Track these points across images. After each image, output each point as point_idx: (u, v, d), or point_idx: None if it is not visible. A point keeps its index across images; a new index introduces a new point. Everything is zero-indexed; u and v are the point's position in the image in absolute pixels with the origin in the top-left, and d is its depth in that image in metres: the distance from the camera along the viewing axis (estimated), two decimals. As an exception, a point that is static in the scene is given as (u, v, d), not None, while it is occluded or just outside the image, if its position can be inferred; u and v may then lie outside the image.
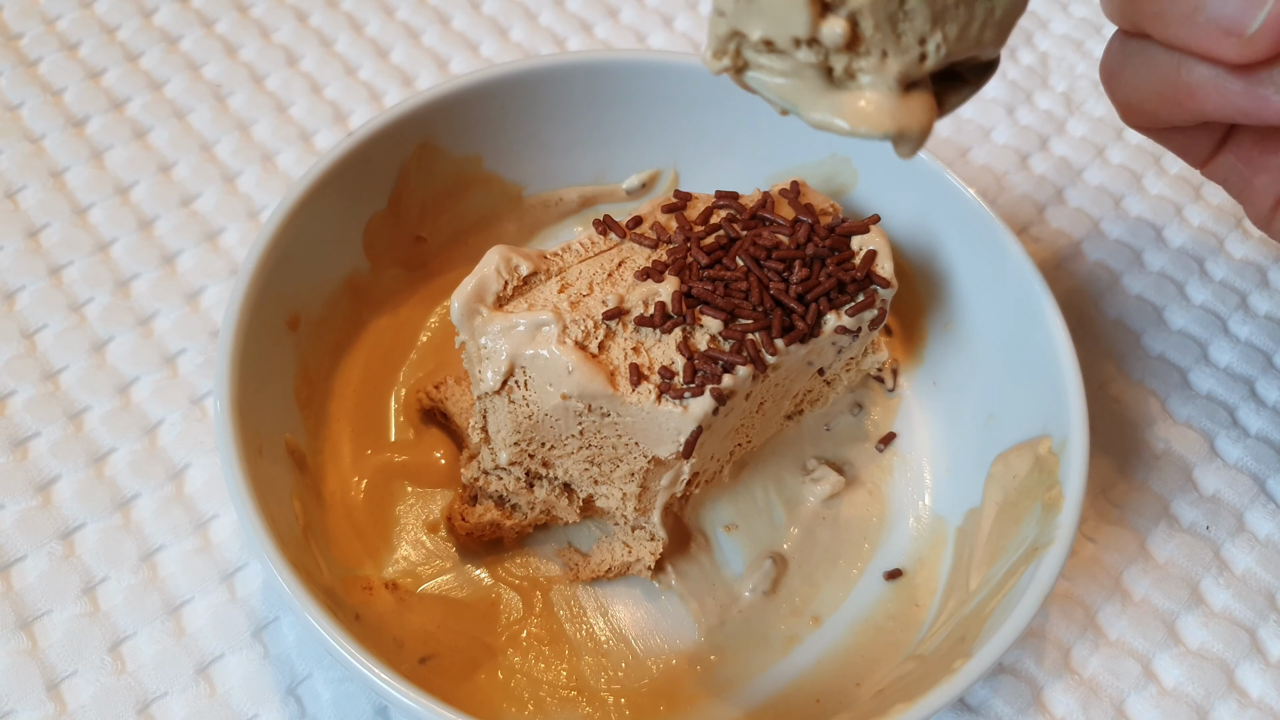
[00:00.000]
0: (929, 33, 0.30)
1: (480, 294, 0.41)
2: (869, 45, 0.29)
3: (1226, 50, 0.33)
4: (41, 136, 0.56)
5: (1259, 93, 0.34)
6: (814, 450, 0.49)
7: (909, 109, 0.30)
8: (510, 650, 0.43)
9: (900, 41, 0.30)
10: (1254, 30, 0.33)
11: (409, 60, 0.62)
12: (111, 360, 0.50)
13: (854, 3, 0.29)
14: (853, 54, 0.29)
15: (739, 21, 0.30)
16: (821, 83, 0.30)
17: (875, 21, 0.29)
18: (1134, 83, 0.38)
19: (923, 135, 0.31)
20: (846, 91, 0.30)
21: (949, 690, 0.36)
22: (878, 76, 0.30)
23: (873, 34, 0.29)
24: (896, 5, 0.29)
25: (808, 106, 0.30)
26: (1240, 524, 0.49)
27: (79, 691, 0.42)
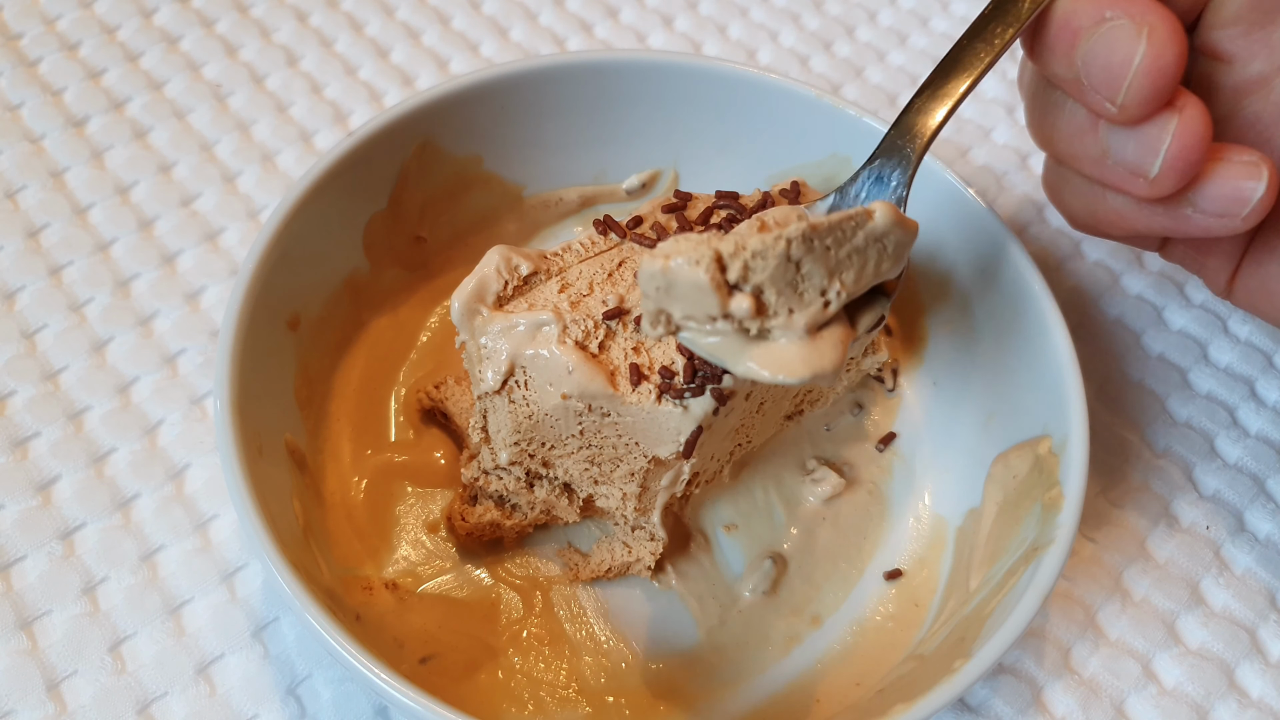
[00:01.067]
0: (827, 285, 0.34)
1: (480, 294, 0.41)
2: (775, 309, 0.33)
3: (1138, 189, 0.37)
4: (41, 136, 0.56)
5: (1179, 214, 0.37)
6: (814, 450, 0.49)
7: (819, 352, 0.34)
8: (510, 650, 0.43)
9: (803, 299, 0.33)
10: (1155, 174, 0.36)
11: (409, 60, 0.62)
12: (111, 360, 0.50)
13: (755, 279, 0.32)
14: (762, 318, 0.33)
15: (662, 304, 0.33)
16: (741, 341, 0.34)
17: (777, 289, 0.33)
18: (1069, 202, 0.41)
19: (835, 371, 0.34)
20: (763, 345, 0.34)
21: (949, 690, 0.36)
22: (788, 330, 0.33)
23: (776, 300, 0.33)
24: (794, 273, 0.33)
25: (732, 362, 0.34)
26: (1240, 524, 0.49)
27: (79, 691, 0.42)
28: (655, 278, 0.33)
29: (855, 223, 0.34)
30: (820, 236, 0.33)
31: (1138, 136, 0.36)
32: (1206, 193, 0.36)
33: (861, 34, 0.66)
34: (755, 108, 0.51)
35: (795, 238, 0.33)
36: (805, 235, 0.33)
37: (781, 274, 0.33)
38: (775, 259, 0.32)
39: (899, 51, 0.65)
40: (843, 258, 0.34)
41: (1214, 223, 0.36)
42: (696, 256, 0.32)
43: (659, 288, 0.33)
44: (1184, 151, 0.35)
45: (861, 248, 0.34)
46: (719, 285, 0.32)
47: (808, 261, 0.33)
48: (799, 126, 0.50)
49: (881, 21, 0.67)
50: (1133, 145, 0.36)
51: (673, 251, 0.33)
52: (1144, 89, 0.34)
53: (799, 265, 0.33)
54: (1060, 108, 0.39)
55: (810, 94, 0.49)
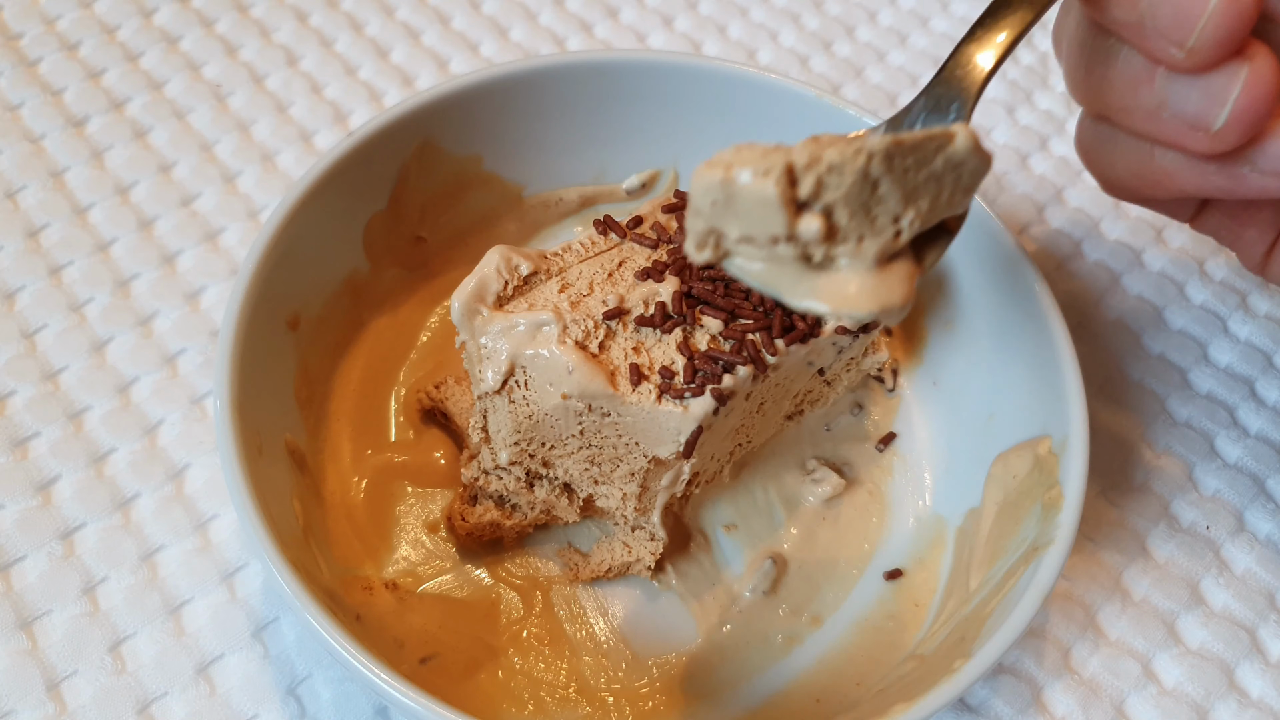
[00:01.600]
0: (902, 212, 0.31)
1: (480, 294, 0.41)
2: (845, 233, 0.30)
3: (1196, 144, 0.34)
4: (41, 136, 0.56)
5: (1235, 172, 0.34)
6: (814, 450, 0.49)
7: (888, 285, 0.31)
8: (510, 650, 0.43)
9: (875, 224, 0.30)
10: (1219, 127, 0.33)
11: (409, 60, 0.62)
12: (111, 360, 0.50)
13: (828, 197, 0.29)
14: (830, 243, 0.30)
15: (716, 222, 0.30)
16: (801, 269, 0.30)
17: (850, 211, 0.30)
18: (1109, 162, 0.38)
19: (904, 307, 0.31)
20: (826, 275, 0.31)
21: (949, 690, 0.36)
22: (856, 259, 0.30)
23: (848, 223, 0.30)
24: (869, 193, 0.30)
25: (789, 293, 0.31)
26: (1240, 524, 0.49)
27: (79, 691, 0.42)
28: (712, 190, 0.29)
29: (937, 144, 0.31)
30: (903, 154, 0.30)
31: (1203, 86, 0.33)
32: (1269, 151, 0.33)
33: (861, 34, 0.66)
34: (755, 108, 0.50)
35: (878, 152, 0.29)
36: (888, 151, 0.29)
37: (857, 194, 0.29)
38: (853, 175, 0.29)
39: (899, 51, 0.65)
40: (920, 182, 0.30)
41: (1273, 184, 0.34)
42: (766, 166, 0.29)
43: (715, 202, 0.30)
44: (1253, 103, 0.32)
45: (939, 173, 0.31)
46: (788, 201, 0.29)
47: (885, 181, 0.30)
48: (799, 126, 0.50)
49: (881, 21, 0.67)
50: (1196, 95, 0.33)
51: (736, 161, 0.29)
52: (1218, 32, 0.31)
53: (876, 186, 0.30)
54: (1113, 57, 0.35)
55: (810, 94, 0.49)
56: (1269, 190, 0.34)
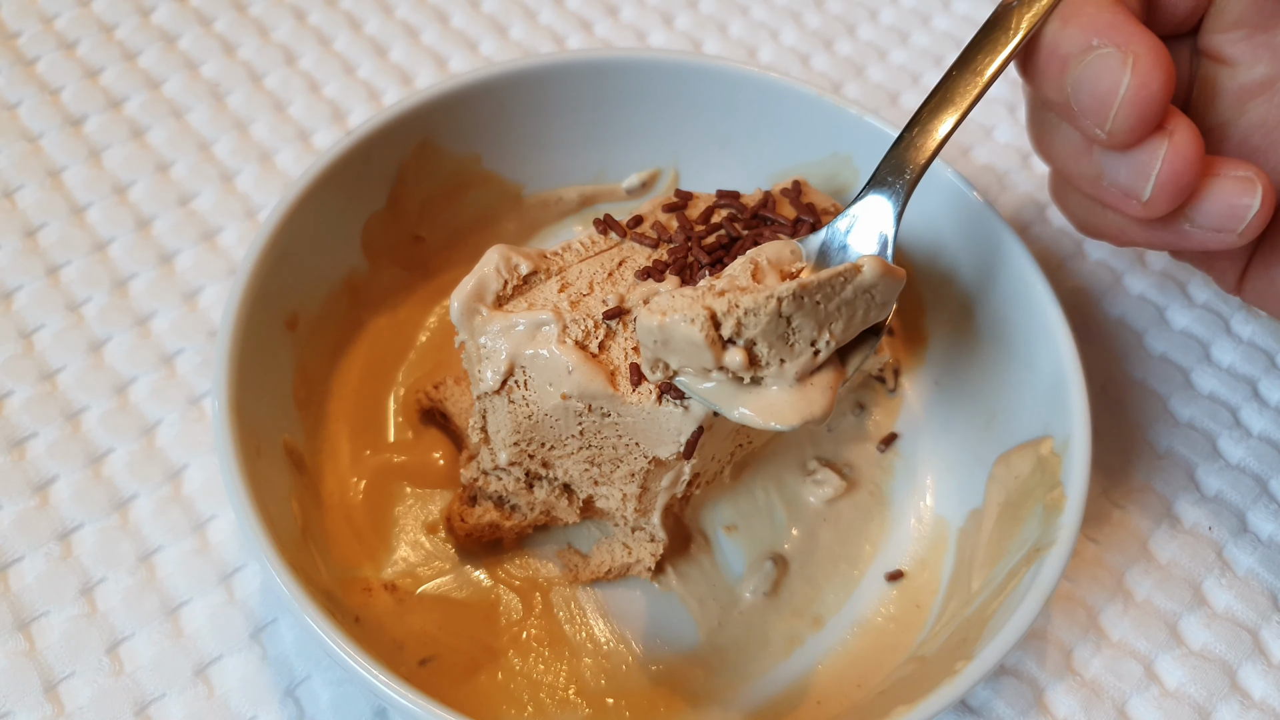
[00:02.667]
0: (818, 336, 0.35)
1: (480, 293, 0.41)
2: (767, 359, 0.35)
3: (1131, 210, 0.37)
4: (39, 135, 0.56)
5: (1178, 229, 0.37)
6: (815, 451, 0.49)
7: (808, 399, 0.35)
8: (510, 652, 0.43)
9: (794, 349, 0.35)
10: (1147, 197, 0.36)
11: (408, 59, 0.62)
12: (109, 360, 0.49)
13: (748, 334, 0.34)
14: (755, 369, 0.35)
15: (660, 355, 0.35)
16: (735, 388, 0.36)
17: (769, 343, 0.35)
18: (1073, 214, 0.42)
19: (824, 415, 0.36)
20: (756, 392, 0.36)
21: (951, 692, 0.36)
22: (779, 379, 0.35)
23: (768, 352, 0.35)
24: (785, 327, 0.34)
25: (727, 408, 0.36)
26: (1243, 524, 0.49)
27: (77, 693, 0.41)
28: (652, 332, 0.35)
29: (844, 278, 0.35)
30: (810, 294, 0.34)
31: (1129, 161, 0.36)
32: (1202, 209, 0.36)
33: (863, 32, 0.66)
34: (756, 106, 0.50)
35: (786, 297, 0.34)
36: (796, 294, 0.34)
37: (773, 329, 0.34)
38: (767, 316, 0.34)
39: (900, 50, 0.65)
40: (832, 310, 0.35)
41: (1211, 237, 0.37)
42: (691, 315, 0.34)
43: (656, 341, 0.35)
44: (1175, 175, 0.35)
45: (850, 300, 0.35)
46: (713, 341, 0.34)
47: (798, 317, 0.35)
48: (800, 125, 0.50)
49: (883, 20, 0.67)
50: (1125, 169, 0.36)
51: (668, 308, 0.34)
52: (1130, 116, 0.35)
53: (790, 320, 0.34)
54: (1057, 128, 0.39)
55: (811, 92, 0.49)
56: (1209, 244, 0.37)
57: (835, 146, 0.50)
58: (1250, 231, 0.36)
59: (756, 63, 0.64)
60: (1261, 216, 0.36)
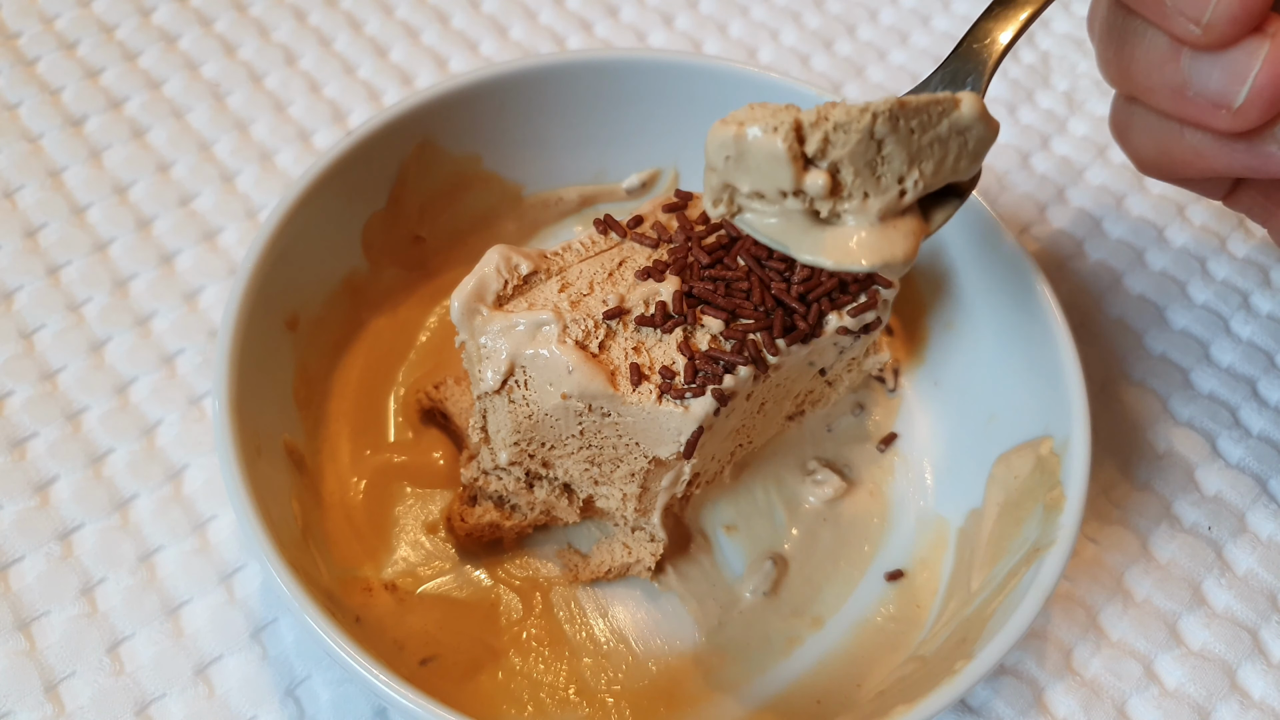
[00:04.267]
0: (906, 172, 0.32)
1: (480, 293, 0.41)
2: (850, 190, 0.32)
3: (1219, 122, 0.34)
4: (40, 136, 0.56)
5: (1263, 150, 0.35)
6: (815, 451, 0.49)
7: (890, 241, 0.32)
8: (511, 652, 0.43)
9: (880, 183, 0.32)
10: (1240, 104, 0.33)
11: (408, 59, 0.62)
12: (110, 360, 0.49)
13: (834, 154, 0.31)
14: (836, 199, 0.32)
15: (729, 177, 0.32)
16: (809, 224, 0.32)
17: (855, 169, 0.31)
18: (1141, 142, 0.39)
19: (905, 263, 0.33)
20: (832, 229, 0.32)
21: (950, 691, 0.36)
22: (860, 215, 0.32)
23: (853, 181, 0.32)
24: (874, 152, 0.31)
25: (796, 246, 0.33)
26: (1242, 524, 0.49)
27: (77, 693, 0.41)
28: (726, 145, 0.31)
29: (942, 108, 0.32)
30: (907, 116, 0.31)
31: (1223, 63, 0.33)
32: None
33: (863, 32, 0.66)
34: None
35: (883, 113, 0.31)
36: (893, 112, 0.31)
37: (862, 152, 0.31)
38: (858, 134, 0.31)
39: (900, 50, 0.65)
40: (925, 144, 0.32)
41: None
42: (775, 123, 0.31)
43: (729, 157, 0.32)
44: (1274, 80, 0.32)
45: (944, 137, 0.33)
46: (796, 157, 0.31)
47: (890, 142, 0.31)
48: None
49: (883, 20, 0.67)
50: (1217, 73, 0.33)
51: (748, 118, 0.31)
52: (1232, 7, 0.32)
53: (881, 145, 0.31)
54: (1139, 36, 0.36)
55: (811, 93, 0.49)
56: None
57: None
58: None
59: (756, 63, 0.64)
60: None
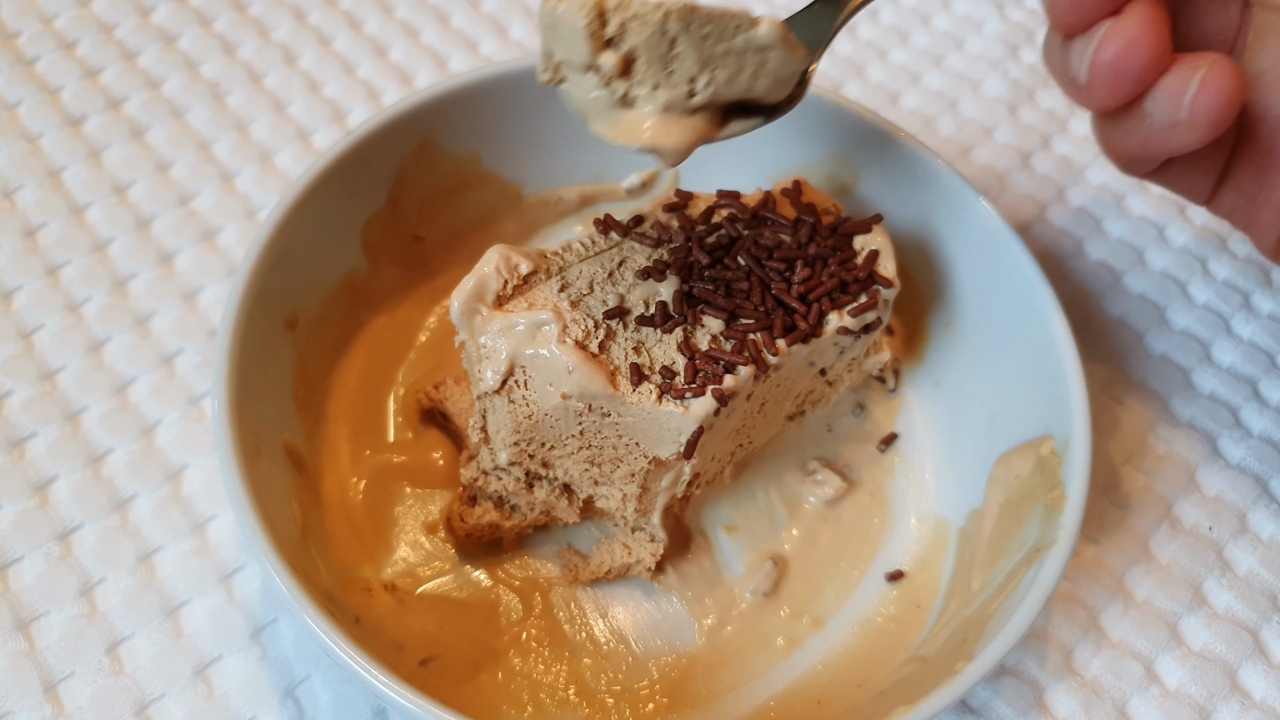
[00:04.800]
0: (697, 74, 0.35)
1: (480, 293, 0.41)
2: (642, 77, 0.35)
3: (1081, 100, 0.36)
4: (39, 135, 0.56)
5: (1137, 126, 0.36)
6: (815, 451, 0.49)
7: (666, 129, 0.36)
8: (510, 652, 0.43)
9: (671, 78, 0.35)
10: (1084, 80, 0.35)
11: (408, 58, 0.62)
12: (109, 360, 0.49)
13: (630, 40, 0.34)
14: (629, 81, 0.35)
15: (549, 44, 0.36)
16: (608, 103, 0.36)
17: (648, 59, 0.35)
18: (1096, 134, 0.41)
19: (675, 152, 0.36)
20: (625, 112, 0.36)
21: (951, 692, 0.36)
22: (649, 103, 0.36)
23: (645, 69, 0.35)
24: (667, 49, 0.34)
25: (593, 118, 0.36)
26: (1243, 525, 0.49)
27: (76, 693, 0.41)
28: (546, 15, 0.35)
29: (738, 24, 0.35)
30: (699, 21, 0.34)
31: (1075, 45, 0.35)
32: (1154, 98, 0.35)
33: (863, 32, 0.66)
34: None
35: (674, 11, 0.34)
36: (683, 13, 0.34)
37: (655, 44, 0.34)
38: (651, 26, 0.34)
39: (900, 50, 0.65)
40: (718, 53, 0.35)
41: (1168, 134, 0.35)
42: (581, 2, 0.34)
43: (549, 25, 0.35)
44: (1114, 57, 0.34)
45: (740, 52, 0.35)
46: (594, 35, 0.34)
47: (682, 41, 0.34)
48: (800, 125, 0.50)
49: (883, 20, 0.67)
50: (1073, 53, 0.35)
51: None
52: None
53: (673, 43, 0.34)
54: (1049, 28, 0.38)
55: (811, 92, 0.49)
56: (1170, 142, 0.36)
57: (835, 146, 0.50)
58: (1203, 120, 0.34)
59: (756, 62, 0.64)
60: (1213, 104, 0.34)
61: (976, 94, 0.63)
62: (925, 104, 0.63)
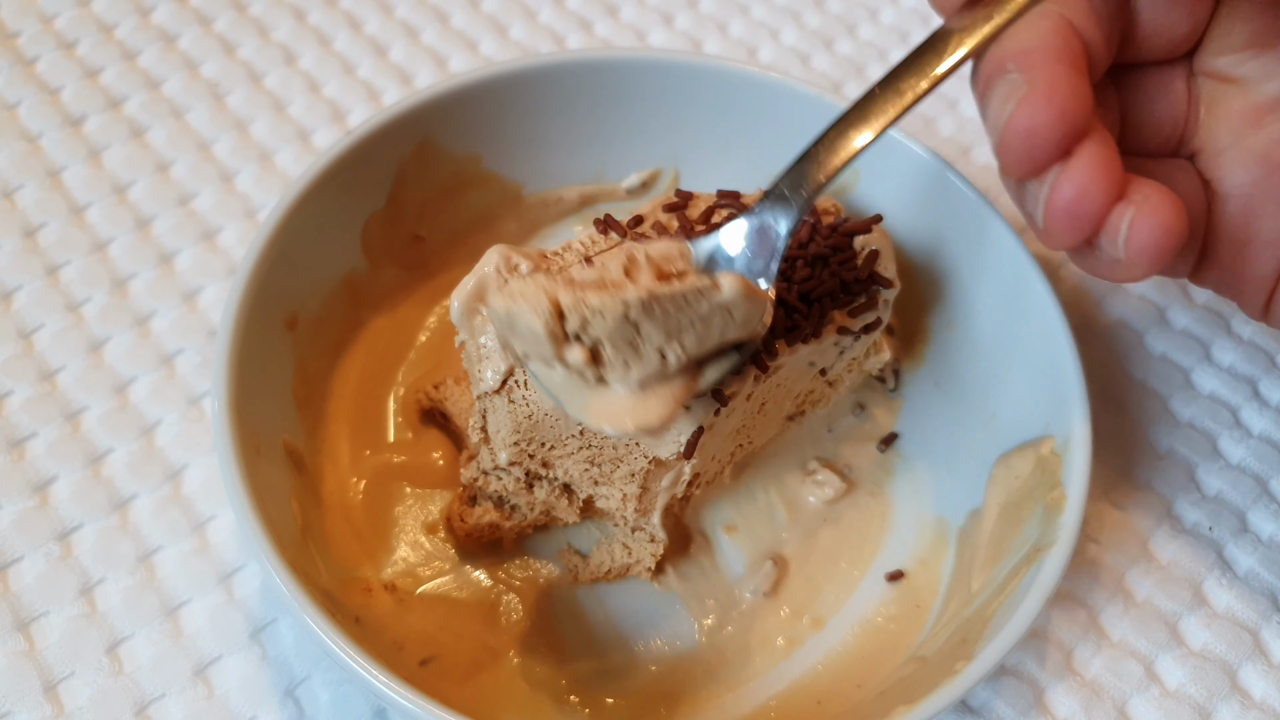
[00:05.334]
0: (666, 345, 0.34)
1: (480, 293, 0.41)
2: (611, 362, 0.34)
3: (1042, 240, 0.35)
4: (39, 135, 0.56)
5: (1093, 258, 0.35)
6: (815, 451, 0.49)
7: (648, 408, 0.35)
8: (510, 652, 0.43)
9: (640, 355, 0.34)
10: (1041, 226, 0.34)
11: (408, 58, 0.62)
12: (109, 360, 0.49)
13: (593, 333, 0.34)
14: (599, 367, 0.34)
15: (508, 338, 0.35)
16: (581, 385, 0.35)
17: (614, 345, 0.34)
18: None
19: (662, 426, 0.35)
20: (600, 392, 0.35)
21: (951, 692, 0.36)
22: (623, 383, 0.35)
23: (613, 354, 0.34)
24: (633, 332, 0.34)
25: (568, 404, 0.35)
26: (1243, 524, 0.49)
27: (76, 693, 0.41)
28: (499, 318, 0.34)
29: (699, 291, 0.34)
30: (661, 304, 0.34)
31: (1029, 189, 0.34)
32: (1104, 238, 0.34)
33: (863, 32, 0.66)
34: (756, 106, 0.50)
35: (634, 303, 0.33)
36: (645, 302, 0.33)
37: (620, 331, 0.34)
38: (613, 319, 0.33)
39: (901, 49, 0.65)
40: (684, 323, 0.34)
41: (1114, 268, 0.34)
42: (535, 305, 0.33)
43: (503, 325, 0.35)
44: (1067, 204, 0.33)
45: (706, 315, 0.35)
46: (554, 335, 0.33)
47: (646, 324, 0.34)
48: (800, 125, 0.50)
49: (883, 20, 0.67)
50: (1027, 195, 0.35)
51: (518, 293, 0.34)
52: (1013, 148, 0.33)
53: (638, 326, 0.34)
54: None
55: (811, 92, 0.49)
56: (1117, 275, 0.35)
57: (835, 146, 0.50)
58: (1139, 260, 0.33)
59: (756, 63, 0.64)
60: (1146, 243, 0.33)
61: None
62: (925, 104, 0.62)
